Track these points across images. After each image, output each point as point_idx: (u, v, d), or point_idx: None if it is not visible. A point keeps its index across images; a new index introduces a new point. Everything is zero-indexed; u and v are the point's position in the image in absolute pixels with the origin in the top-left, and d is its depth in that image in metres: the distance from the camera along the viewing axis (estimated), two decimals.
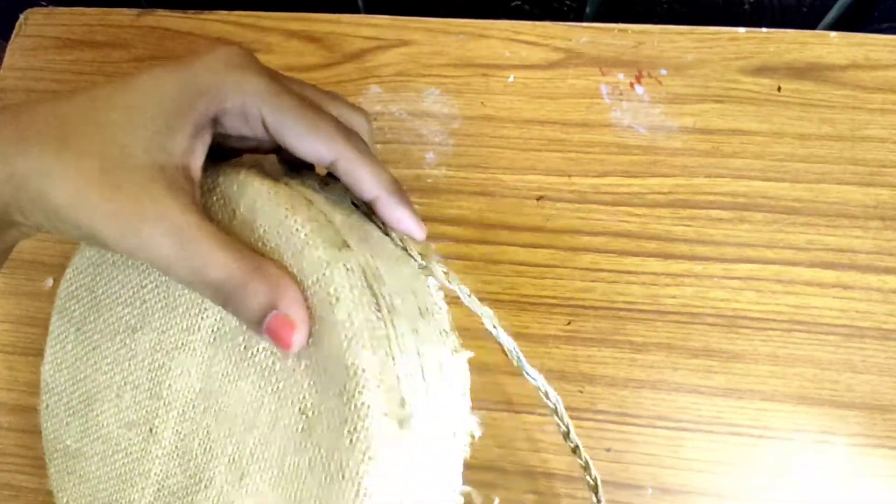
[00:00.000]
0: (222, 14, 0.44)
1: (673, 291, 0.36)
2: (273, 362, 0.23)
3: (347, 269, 0.22)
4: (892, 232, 0.36)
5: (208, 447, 0.24)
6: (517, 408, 0.34)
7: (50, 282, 0.39)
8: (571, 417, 0.34)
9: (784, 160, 0.38)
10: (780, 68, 0.40)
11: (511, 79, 0.40)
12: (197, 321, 0.24)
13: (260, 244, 0.23)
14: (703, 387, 0.34)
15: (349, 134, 0.24)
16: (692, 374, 0.34)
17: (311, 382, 0.22)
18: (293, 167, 0.27)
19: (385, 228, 0.25)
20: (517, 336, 0.35)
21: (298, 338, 0.21)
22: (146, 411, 0.26)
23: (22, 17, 0.45)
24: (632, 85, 0.40)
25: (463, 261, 0.37)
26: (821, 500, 0.33)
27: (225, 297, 0.21)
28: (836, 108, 0.38)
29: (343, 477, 0.21)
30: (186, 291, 0.25)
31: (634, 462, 0.34)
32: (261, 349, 0.23)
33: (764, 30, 0.40)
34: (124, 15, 0.44)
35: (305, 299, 0.21)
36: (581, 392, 0.34)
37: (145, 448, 0.26)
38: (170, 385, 0.25)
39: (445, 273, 0.25)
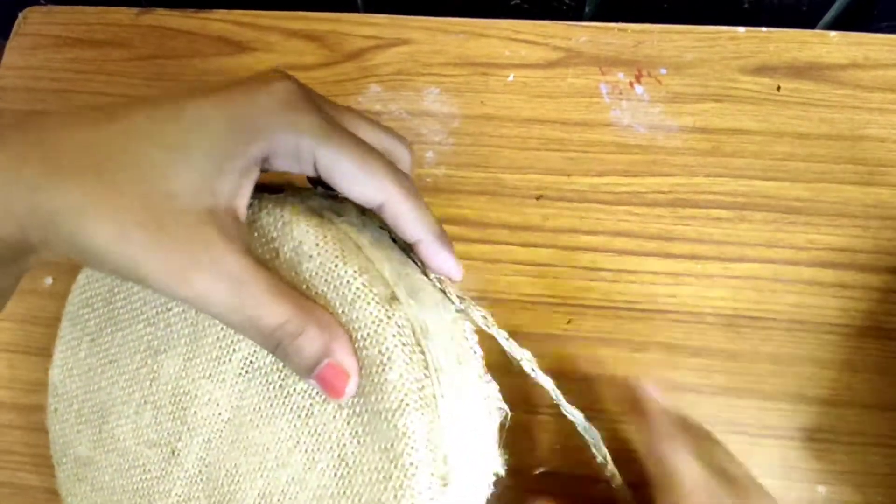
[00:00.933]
0: (222, 13, 0.43)
1: (673, 290, 0.36)
2: (311, 405, 0.23)
3: (399, 328, 0.22)
4: (892, 231, 0.36)
5: (236, 479, 0.24)
6: (517, 407, 0.34)
7: (49, 280, 0.39)
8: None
9: (784, 159, 0.38)
10: (779, 67, 0.40)
11: (511, 78, 0.40)
12: (228, 353, 0.24)
13: (305, 287, 0.22)
14: (702, 386, 0.34)
15: (398, 176, 0.23)
16: (692, 373, 0.34)
17: (354, 432, 0.22)
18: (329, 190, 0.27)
19: (424, 269, 0.26)
20: (517, 335, 0.35)
21: (351, 388, 0.21)
22: (168, 433, 0.25)
23: (21, 15, 0.45)
24: (631, 84, 0.40)
25: (463, 260, 0.36)
26: (820, 499, 0.33)
27: (277, 344, 0.21)
28: (836, 108, 0.38)
29: None
30: (217, 323, 0.24)
31: (634, 461, 0.34)
32: (298, 390, 0.23)
33: (763, 29, 0.40)
34: (124, 14, 0.44)
35: (355, 351, 0.22)
36: (581, 391, 0.34)
37: (166, 468, 0.25)
38: (195, 412, 0.25)
39: (484, 318, 0.26)
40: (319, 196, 0.26)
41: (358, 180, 0.22)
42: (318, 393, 0.23)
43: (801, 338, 0.35)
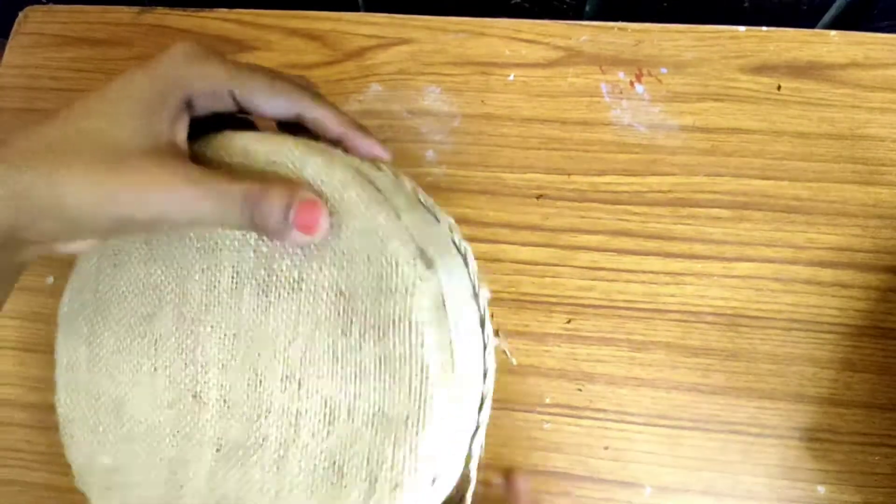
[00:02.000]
0: (222, 12, 0.43)
1: (672, 290, 0.36)
2: (298, 273, 0.25)
3: (343, 166, 0.24)
4: (891, 230, 0.36)
5: (257, 382, 0.25)
6: (517, 406, 0.35)
7: (50, 279, 0.39)
8: (571, 416, 0.34)
9: (783, 159, 0.38)
10: (779, 67, 0.40)
11: (511, 77, 0.40)
12: (215, 277, 0.26)
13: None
14: (702, 385, 0.34)
15: (306, 86, 0.27)
16: (691, 373, 0.34)
17: (341, 267, 0.24)
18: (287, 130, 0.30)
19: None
20: (517, 334, 0.36)
21: (325, 219, 0.23)
22: (184, 384, 0.27)
23: (21, 14, 0.45)
24: (632, 83, 0.40)
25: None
26: (820, 498, 0.33)
27: (251, 209, 0.23)
28: (836, 107, 0.38)
29: (395, 322, 0.23)
30: (197, 257, 0.26)
31: (633, 460, 0.34)
32: (283, 267, 0.25)
33: (764, 28, 0.40)
34: (124, 13, 0.44)
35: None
36: (580, 390, 0.35)
37: (193, 418, 0.27)
38: (202, 348, 0.26)
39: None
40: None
41: (272, 97, 0.26)
42: (301, 258, 0.25)
43: (800, 337, 0.35)
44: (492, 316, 0.27)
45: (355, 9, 0.45)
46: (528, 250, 0.37)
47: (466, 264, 0.26)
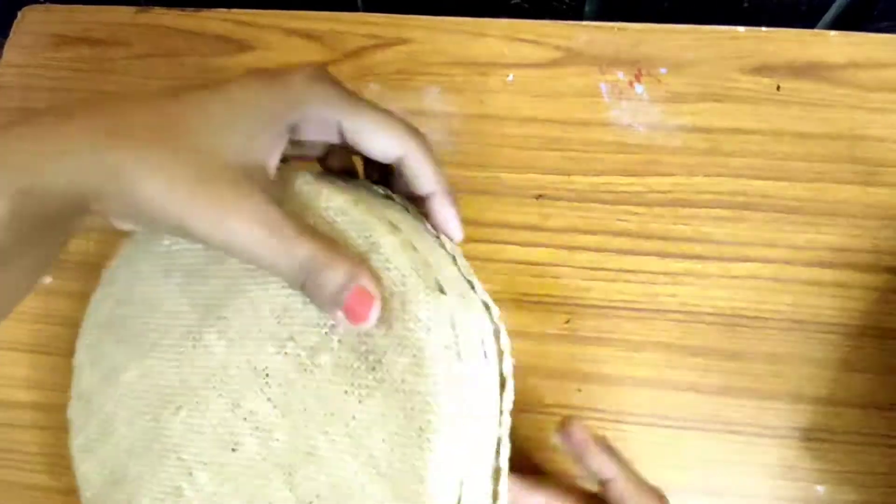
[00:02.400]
0: (221, 12, 0.43)
1: (672, 290, 0.36)
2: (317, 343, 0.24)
3: (410, 253, 0.24)
4: (891, 231, 0.36)
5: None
6: (516, 406, 0.34)
7: (48, 279, 0.39)
8: (570, 416, 0.34)
9: (783, 159, 0.38)
10: (779, 67, 0.40)
11: (510, 77, 0.40)
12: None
13: (329, 232, 0.25)
14: (701, 385, 0.34)
15: (416, 132, 0.26)
16: (690, 373, 0.34)
17: (375, 364, 0.24)
18: (335, 174, 0.29)
19: (437, 234, 0.27)
20: (516, 334, 0.35)
21: (375, 313, 0.23)
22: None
23: (20, 14, 0.45)
24: (631, 84, 0.40)
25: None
26: (819, 498, 0.33)
27: (307, 276, 0.23)
28: (836, 108, 0.38)
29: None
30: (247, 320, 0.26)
31: (633, 460, 0.34)
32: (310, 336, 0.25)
33: (763, 29, 0.40)
34: (122, 12, 0.44)
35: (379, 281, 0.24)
36: (579, 391, 0.35)
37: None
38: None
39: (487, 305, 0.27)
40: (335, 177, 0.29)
41: (379, 135, 0.25)
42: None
43: (799, 337, 0.35)
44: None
45: (354, 9, 0.45)
46: (528, 250, 0.37)
47: (501, 360, 0.26)
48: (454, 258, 0.27)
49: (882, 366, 0.34)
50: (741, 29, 0.40)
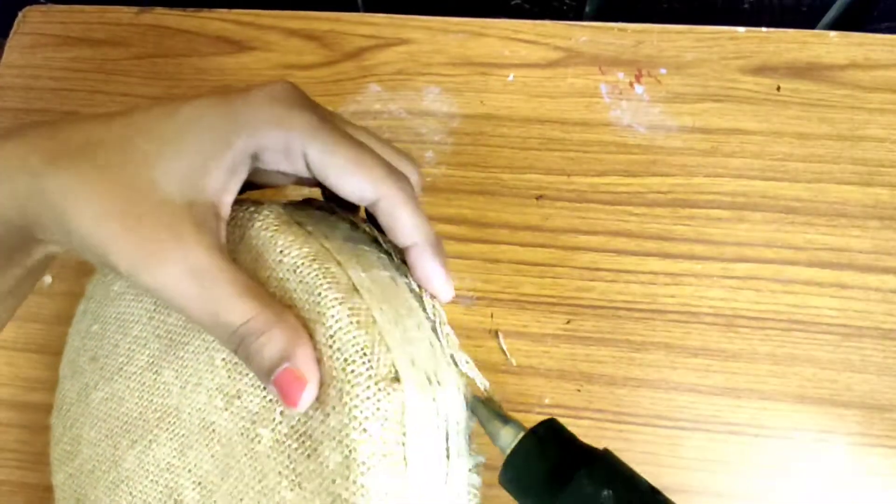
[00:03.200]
0: (222, 12, 0.43)
1: (672, 291, 0.36)
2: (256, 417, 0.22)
3: (370, 323, 0.21)
4: (891, 231, 0.36)
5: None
6: (516, 407, 0.34)
7: (48, 279, 0.39)
8: (570, 416, 0.34)
9: (783, 160, 0.38)
10: (779, 68, 0.40)
11: (510, 77, 0.40)
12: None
13: (279, 294, 0.22)
14: (701, 386, 0.34)
15: (397, 175, 0.23)
16: (691, 373, 0.34)
17: (304, 454, 0.21)
18: (332, 202, 0.27)
19: (420, 293, 0.24)
20: (516, 334, 0.35)
21: (307, 397, 0.20)
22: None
23: (20, 14, 0.45)
24: (631, 84, 0.40)
25: (462, 259, 0.37)
26: (819, 498, 0.33)
27: (240, 342, 0.20)
28: (836, 108, 0.38)
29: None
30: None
31: (632, 461, 0.33)
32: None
33: (763, 29, 0.40)
34: (123, 13, 0.44)
35: (320, 360, 0.21)
36: (579, 391, 0.34)
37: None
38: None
39: (467, 362, 0.24)
40: (317, 209, 0.26)
41: (350, 174, 0.22)
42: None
43: (799, 338, 0.35)
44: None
45: (354, 9, 0.45)
46: (528, 251, 0.37)
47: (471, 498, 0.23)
48: (434, 326, 0.24)
49: (882, 366, 0.34)
50: (741, 29, 0.40)
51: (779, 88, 0.39)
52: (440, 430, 0.22)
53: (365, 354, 0.20)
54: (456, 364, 0.23)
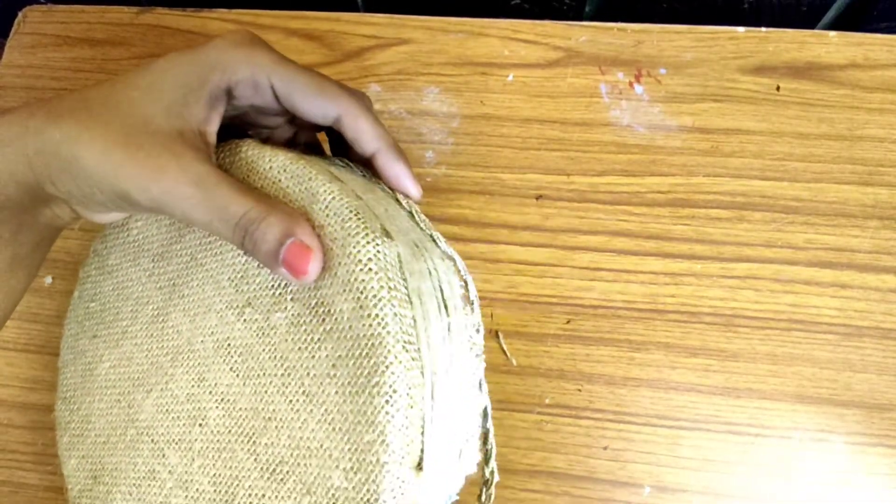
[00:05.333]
0: (221, 12, 0.43)
1: (671, 290, 0.36)
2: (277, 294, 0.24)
3: (353, 204, 0.23)
4: (891, 231, 0.36)
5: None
6: (516, 406, 0.34)
7: (48, 279, 0.39)
8: (570, 416, 0.34)
9: (783, 159, 0.38)
10: (779, 68, 0.40)
11: (510, 77, 0.40)
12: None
13: (272, 191, 0.24)
14: (701, 385, 0.34)
15: (353, 92, 0.26)
16: (690, 373, 0.34)
17: (321, 319, 0.23)
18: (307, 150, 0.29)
19: (394, 194, 0.27)
20: (516, 334, 0.35)
21: (315, 266, 0.22)
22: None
23: (20, 14, 0.45)
24: (631, 84, 0.40)
25: (462, 260, 0.37)
26: (818, 498, 0.33)
27: (244, 232, 0.22)
28: (835, 108, 0.38)
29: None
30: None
31: (632, 460, 0.34)
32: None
33: (763, 29, 0.40)
34: (123, 13, 0.44)
35: (321, 227, 0.23)
36: (579, 390, 0.35)
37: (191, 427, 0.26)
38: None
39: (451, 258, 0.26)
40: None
41: (313, 95, 0.25)
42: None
43: (799, 337, 0.35)
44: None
45: (354, 9, 0.45)
46: (528, 251, 0.37)
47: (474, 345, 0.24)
48: (411, 213, 0.26)
49: (882, 366, 0.34)
50: (741, 29, 0.40)
51: (778, 88, 0.39)
52: (434, 285, 0.24)
53: (358, 215, 0.23)
54: (436, 242, 0.25)
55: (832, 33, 0.40)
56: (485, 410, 0.25)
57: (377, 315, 0.21)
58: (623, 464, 0.33)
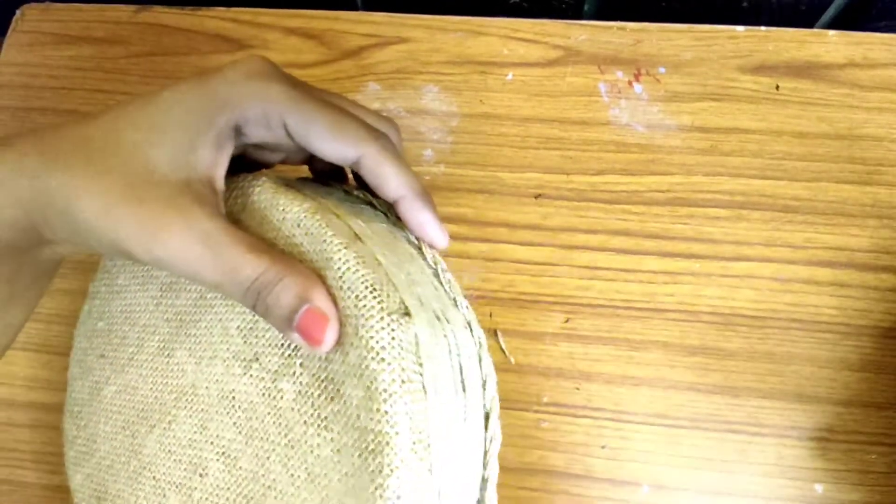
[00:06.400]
0: (220, 10, 0.43)
1: (670, 289, 0.36)
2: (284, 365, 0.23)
3: (374, 265, 0.22)
4: (890, 230, 0.36)
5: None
6: (514, 405, 0.34)
7: None
8: (568, 415, 0.34)
9: (782, 158, 0.38)
10: (778, 67, 0.40)
11: (509, 76, 0.40)
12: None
13: (285, 247, 0.23)
14: (699, 384, 0.34)
15: (376, 134, 0.24)
16: (689, 372, 0.34)
17: (329, 398, 0.22)
18: (322, 177, 0.27)
19: (419, 244, 0.25)
20: (515, 333, 0.35)
21: (331, 335, 0.21)
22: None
23: (18, 12, 0.45)
24: (630, 83, 0.40)
25: (461, 258, 0.37)
26: (818, 497, 0.33)
27: (256, 296, 0.21)
28: (834, 107, 0.38)
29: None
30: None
31: (631, 459, 0.34)
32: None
33: (762, 28, 0.40)
34: (122, 11, 0.44)
35: (333, 300, 0.21)
36: (578, 389, 0.35)
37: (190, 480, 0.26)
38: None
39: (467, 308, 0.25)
40: (312, 182, 0.27)
41: (331, 136, 0.23)
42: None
43: (798, 336, 0.35)
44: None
45: (353, 7, 0.45)
46: (527, 250, 0.37)
47: (486, 431, 0.24)
48: (436, 273, 0.25)
49: (881, 365, 0.34)
50: (740, 28, 0.40)
51: (777, 87, 0.39)
52: (454, 363, 0.23)
53: (374, 290, 0.21)
54: (458, 307, 0.24)
55: (831, 32, 0.40)
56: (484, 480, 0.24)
57: (386, 412, 0.20)
58: (621, 462, 0.33)
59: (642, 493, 0.33)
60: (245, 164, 0.26)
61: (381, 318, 0.21)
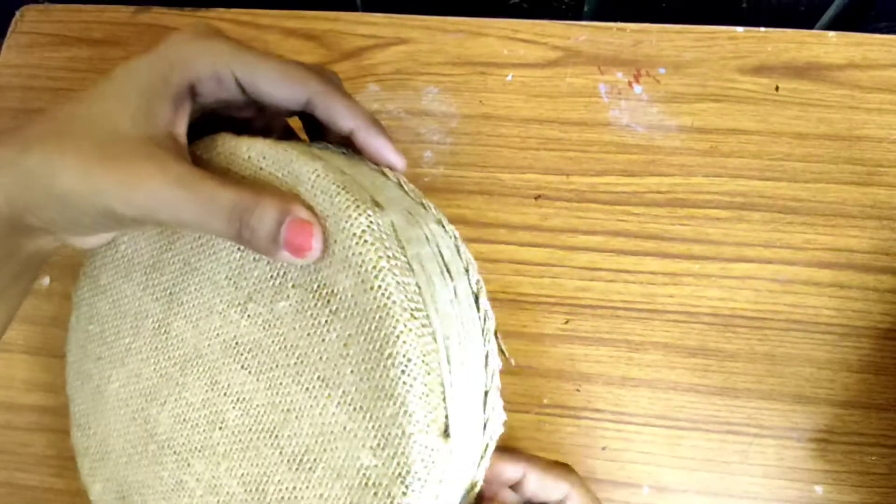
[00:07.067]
0: (220, 11, 0.43)
1: (670, 290, 0.36)
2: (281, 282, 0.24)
3: (340, 176, 0.23)
4: (889, 231, 0.36)
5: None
6: (515, 407, 0.35)
7: (46, 280, 0.38)
8: (568, 416, 0.34)
9: (782, 159, 0.38)
10: (778, 68, 0.40)
11: (509, 77, 0.40)
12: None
13: (255, 179, 0.24)
14: (699, 385, 0.34)
15: (321, 71, 0.25)
16: (689, 373, 0.35)
17: (326, 301, 0.23)
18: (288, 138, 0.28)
19: (379, 169, 0.26)
20: (515, 334, 0.35)
21: (317, 240, 0.22)
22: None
23: (18, 13, 0.45)
24: (630, 84, 0.40)
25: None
26: (818, 499, 0.33)
27: (239, 223, 0.22)
28: (834, 108, 0.39)
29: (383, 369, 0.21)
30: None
31: (631, 461, 0.34)
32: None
33: (762, 29, 0.40)
34: (121, 12, 0.44)
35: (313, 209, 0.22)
36: (578, 391, 0.35)
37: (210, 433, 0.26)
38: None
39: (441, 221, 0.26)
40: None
41: (280, 80, 0.24)
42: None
43: (798, 338, 0.35)
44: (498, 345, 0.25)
45: (353, 9, 0.45)
46: (527, 251, 0.37)
47: (479, 311, 0.24)
48: (399, 184, 0.26)
49: (880, 366, 0.34)
50: (740, 29, 0.40)
51: (777, 88, 0.39)
52: (434, 251, 0.24)
53: (346, 189, 0.22)
54: (426, 208, 0.25)
55: (831, 33, 0.40)
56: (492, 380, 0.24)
57: (380, 286, 0.21)
58: (622, 464, 0.33)
59: (643, 495, 0.33)
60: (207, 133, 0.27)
61: (357, 208, 0.22)
